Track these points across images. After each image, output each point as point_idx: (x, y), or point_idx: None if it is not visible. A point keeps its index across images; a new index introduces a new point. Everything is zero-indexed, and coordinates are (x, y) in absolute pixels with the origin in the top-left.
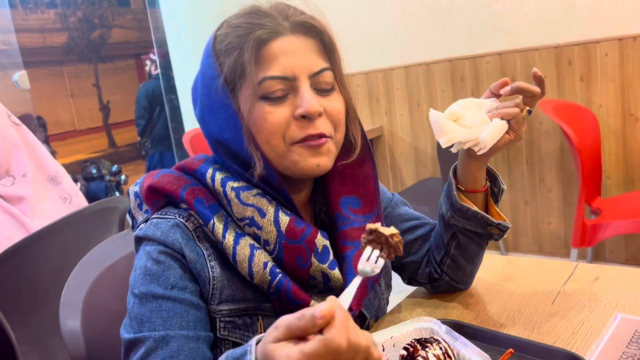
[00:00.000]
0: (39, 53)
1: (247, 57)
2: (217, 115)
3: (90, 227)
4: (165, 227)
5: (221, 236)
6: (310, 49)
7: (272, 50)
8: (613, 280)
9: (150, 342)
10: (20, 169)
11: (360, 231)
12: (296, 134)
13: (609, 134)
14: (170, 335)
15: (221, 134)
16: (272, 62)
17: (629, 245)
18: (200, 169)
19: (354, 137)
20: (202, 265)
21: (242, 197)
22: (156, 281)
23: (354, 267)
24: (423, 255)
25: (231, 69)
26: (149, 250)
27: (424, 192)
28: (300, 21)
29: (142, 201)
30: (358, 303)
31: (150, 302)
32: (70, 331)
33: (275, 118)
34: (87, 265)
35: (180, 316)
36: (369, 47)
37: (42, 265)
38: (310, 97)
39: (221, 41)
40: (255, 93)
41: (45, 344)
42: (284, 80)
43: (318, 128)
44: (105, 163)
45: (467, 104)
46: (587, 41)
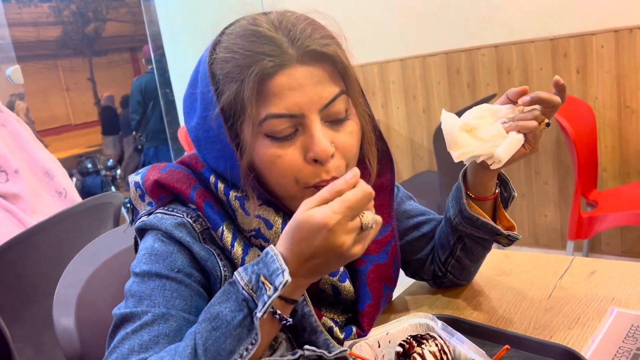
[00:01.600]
0: (33, 47)
1: (248, 94)
2: (212, 144)
3: (85, 223)
4: (171, 223)
5: (230, 245)
6: (319, 78)
7: (277, 85)
8: (609, 274)
9: (149, 316)
10: (11, 165)
11: (374, 244)
12: (309, 180)
13: (605, 126)
14: (172, 314)
15: (217, 165)
16: (276, 98)
17: (625, 238)
18: (204, 172)
19: (369, 162)
20: (213, 264)
21: (247, 207)
22: (162, 261)
23: (368, 284)
24: (428, 253)
25: (230, 102)
26: (156, 232)
27: (420, 185)
28: (310, 50)
29: (143, 192)
30: (370, 323)
31: (152, 281)
32: (64, 329)
33: (285, 163)
34: (81, 262)
35: (184, 299)
36: (365, 40)
37: (36, 262)
38: (321, 139)
39: (220, 66)
40: (259, 131)
41: (40, 340)
42: (291, 118)
43: (330, 172)
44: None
45: (482, 112)
46: (583, 33)
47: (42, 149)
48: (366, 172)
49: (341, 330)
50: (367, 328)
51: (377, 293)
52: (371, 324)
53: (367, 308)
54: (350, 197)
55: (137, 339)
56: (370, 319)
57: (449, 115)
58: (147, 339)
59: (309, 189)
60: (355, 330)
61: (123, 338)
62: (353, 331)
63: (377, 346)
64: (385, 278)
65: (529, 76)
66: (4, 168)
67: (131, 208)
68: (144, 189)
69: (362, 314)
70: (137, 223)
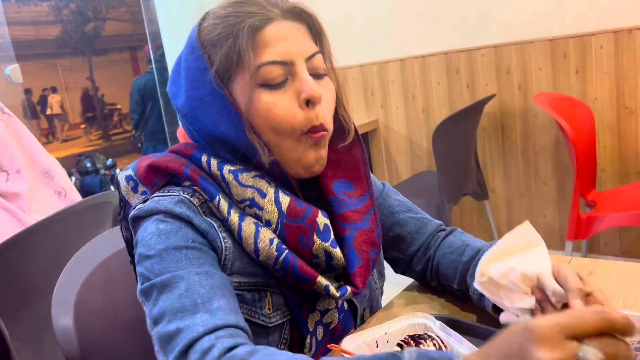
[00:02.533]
0: (32, 46)
1: (244, 44)
2: (208, 108)
3: (83, 222)
4: (169, 202)
5: (226, 213)
6: (302, 33)
7: (266, 36)
8: (607, 274)
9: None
10: (13, 165)
11: (356, 213)
12: (303, 125)
13: (604, 127)
14: (213, 271)
15: (216, 127)
16: (267, 48)
17: (623, 238)
18: (195, 154)
19: (345, 120)
20: (213, 236)
21: (241, 179)
22: (174, 236)
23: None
24: (413, 253)
25: (224, 59)
26: (155, 217)
27: (419, 185)
28: (290, 7)
29: (136, 184)
30: (363, 282)
31: (173, 254)
32: (62, 328)
33: (280, 108)
34: (80, 262)
35: (211, 264)
36: (364, 40)
37: (34, 261)
38: (311, 81)
39: (209, 32)
40: (254, 80)
41: (39, 339)
42: (283, 65)
43: (319, 118)
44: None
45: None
46: (582, 34)
47: (42, 149)
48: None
49: (337, 290)
50: (360, 286)
51: (365, 255)
52: (364, 283)
53: (358, 269)
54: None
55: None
56: (363, 278)
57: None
58: (203, 292)
59: (302, 137)
60: (350, 289)
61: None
62: (348, 290)
63: (376, 346)
64: (369, 242)
65: (528, 76)
66: (6, 168)
67: (123, 203)
68: (136, 179)
69: (353, 274)
70: (133, 212)
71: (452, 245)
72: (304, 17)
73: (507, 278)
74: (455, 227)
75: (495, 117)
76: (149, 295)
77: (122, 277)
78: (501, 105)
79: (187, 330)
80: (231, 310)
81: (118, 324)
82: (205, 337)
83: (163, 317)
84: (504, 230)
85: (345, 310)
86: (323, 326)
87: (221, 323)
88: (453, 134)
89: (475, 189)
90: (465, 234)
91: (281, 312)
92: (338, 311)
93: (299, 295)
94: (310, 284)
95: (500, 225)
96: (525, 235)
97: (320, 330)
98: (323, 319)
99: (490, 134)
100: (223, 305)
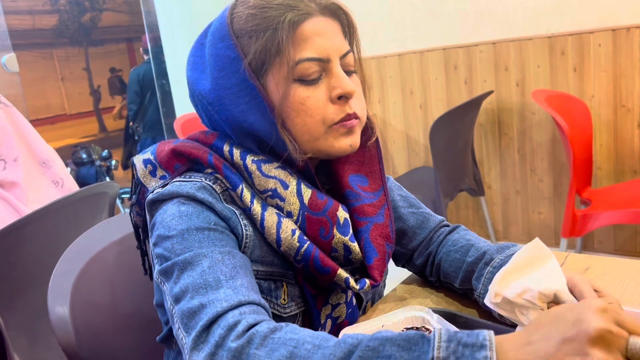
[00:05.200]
0: (29, 35)
1: (284, 38)
2: (238, 98)
3: (80, 212)
4: (192, 187)
5: (249, 202)
6: (337, 30)
7: (305, 31)
8: (603, 270)
9: (215, 253)
10: (11, 153)
11: (372, 207)
12: (334, 116)
13: (601, 125)
14: (235, 252)
15: (244, 118)
16: (306, 43)
17: (618, 236)
18: (217, 143)
19: (369, 118)
20: (235, 223)
21: (264, 170)
22: (196, 218)
23: (372, 241)
24: (415, 247)
25: (261, 50)
26: (176, 200)
27: (416, 180)
28: (328, 3)
29: (155, 168)
30: (380, 274)
31: (195, 234)
32: (58, 317)
33: (313, 102)
34: (76, 252)
35: (232, 246)
36: (363, 35)
37: (30, 250)
38: (345, 78)
39: (245, 21)
40: (290, 75)
41: (34, 328)
42: (319, 62)
43: (352, 108)
44: (95, 148)
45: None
46: (581, 31)
47: (40, 138)
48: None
49: (356, 282)
50: (378, 279)
51: (382, 249)
52: (381, 276)
53: (375, 262)
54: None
55: (218, 272)
56: (380, 270)
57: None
58: (227, 270)
59: (333, 128)
60: (369, 282)
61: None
62: (367, 282)
63: None
64: (385, 236)
65: (526, 73)
66: (3, 156)
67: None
68: (156, 163)
69: (371, 267)
70: (152, 195)
71: (455, 243)
72: (339, 13)
73: (523, 297)
74: (459, 224)
75: (493, 114)
76: (170, 274)
77: (119, 267)
78: (499, 102)
79: (210, 306)
80: (253, 288)
81: (114, 313)
82: (230, 312)
83: (185, 294)
84: (499, 227)
85: (353, 305)
86: (332, 320)
87: (245, 299)
88: (450, 129)
89: (471, 185)
90: (469, 232)
91: (296, 303)
92: (347, 305)
93: (316, 287)
94: (331, 276)
95: (495, 222)
96: (536, 251)
97: (329, 323)
98: (333, 312)
99: (487, 130)
100: (246, 283)
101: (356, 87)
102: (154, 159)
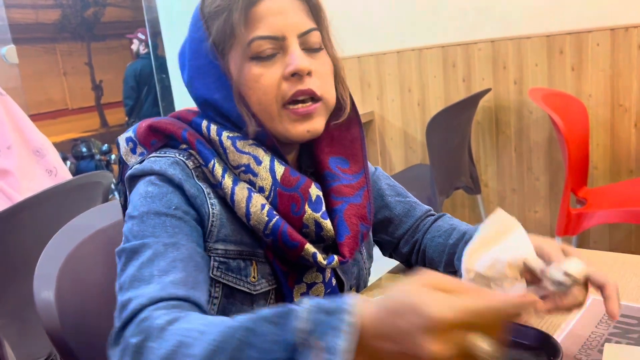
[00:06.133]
0: (31, 29)
1: (237, 17)
2: (205, 77)
3: (73, 201)
4: (165, 163)
5: (220, 176)
6: (298, 9)
7: (261, 10)
8: (596, 265)
9: (160, 245)
10: (4, 141)
11: (349, 188)
12: (286, 92)
13: (598, 124)
14: (182, 243)
15: (210, 95)
16: (260, 22)
17: (613, 235)
18: (196, 119)
19: (342, 98)
20: (202, 201)
21: (238, 145)
22: (158, 201)
23: (345, 219)
24: (401, 235)
25: (220, 31)
26: (147, 179)
27: (412, 177)
28: None
29: (135, 145)
30: (350, 252)
31: (152, 219)
32: (44, 301)
33: (266, 79)
34: (65, 236)
35: (186, 234)
36: (362, 31)
37: (21, 238)
38: (299, 55)
39: (210, 4)
40: (245, 54)
41: (23, 317)
42: (274, 40)
43: (306, 85)
44: (95, 142)
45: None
46: (579, 30)
47: (34, 128)
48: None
49: (324, 258)
50: (347, 255)
51: (354, 227)
52: (352, 253)
53: (346, 239)
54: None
55: (155, 267)
56: (350, 248)
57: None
58: (164, 265)
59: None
60: (337, 258)
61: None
62: (335, 258)
63: None
64: (360, 216)
65: (524, 72)
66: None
67: (120, 166)
68: (136, 140)
69: (342, 244)
70: (130, 171)
71: (439, 229)
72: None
73: (494, 270)
74: (445, 213)
75: (490, 112)
76: (120, 258)
77: (107, 253)
78: (496, 100)
79: (134, 301)
80: (186, 283)
81: (100, 299)
82: (146, 309)
83: (123, 286)
84: None
85: (332, 285)
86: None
87: (166, 295)
88: (447, 127)
89: (467, 183)
90: (454, 218)
91: (266, 280)
92: (325, 286)
93: (287, 264)
94: (298, 251)
95: None
96: (501, 221)
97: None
98: (309, 291)
99: (484, 128)
100: (178, 279)
101: (320, 66)
102: (134, 137)
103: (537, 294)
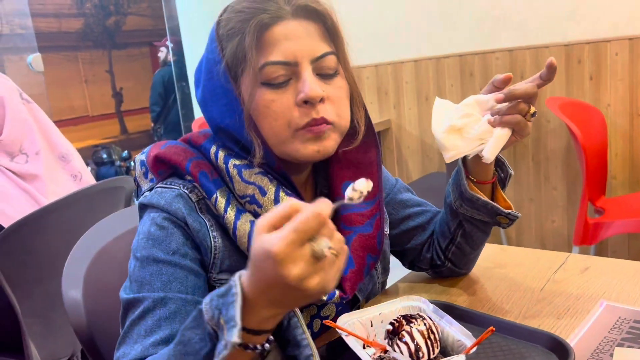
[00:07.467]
0: (54, 38)
1: (249, 42)
2: (218, 100)
3: (97, 205)
4: (169, 196)
5: (223, 210)
6: (312, 33)
7: (274, 35)
8: (602, 270)
9: (149, 302)
10: (33, 147)
11: (360, 216)
12: (299, 121)
13: (616, 134)
14: (169, 297)
15: (222, 119)
16: (273, 47)
17: (632, 245)
18: (205, 144)
19: (357, 123)
20: (204, 235)
21: (244, 175)
22: (158, 246)
23: (352, 252)
24: (423, 242)
25: (233, 54)
26: (153, 216)
27: (429, 186)
28: (302, 5)
29: (147, 170)
30: (352, 287)
31: (151, 266)
32: (72, 301)
33: (278, 106)
34: (92, 238)
35: (179, 281)
36: (380, 40)
37: (48, 240)
38: (312, 82)
39: (224, 26)
40: (257, 79)
41: (49, 316)
42: (286, 66)
43: (319, 112)
44: (116, 149)
45: (469, 109)
46: (597, 40)
47: (59, 133)
48: (354, 133)
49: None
50: (349, 291)
51: (360, 260)
52: (354, 288)
53: (350, 274)
54: (296, 220)
55: (142, 326)
56: (353, 283)
57: (442, 100)
58: (150, 324)
59: (299, 132)
60: (338, 293)
61: (131, 324)
62: (336, 293)
63: (370, 325)
64: (368, 247)
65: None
66: (26, 150)
67: (136, 185)
68: (147, 166)
69: (344, 279)
70: (141, 199)
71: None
72: (317, 15)
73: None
74: None
75: None
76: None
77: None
78: None
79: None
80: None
81: None
82: None
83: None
84: (511, 235)
85: (343, 304)
86: (320, 319)
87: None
88: None
89: None
90: None
91: None
92: (336, 305)
93: None
94: None
95: (508, 230)
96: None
97: (318, 323)
98: (320, 312)
99: None
100: (159, 339)
101: (334, 91)
102: (146, 161)
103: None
